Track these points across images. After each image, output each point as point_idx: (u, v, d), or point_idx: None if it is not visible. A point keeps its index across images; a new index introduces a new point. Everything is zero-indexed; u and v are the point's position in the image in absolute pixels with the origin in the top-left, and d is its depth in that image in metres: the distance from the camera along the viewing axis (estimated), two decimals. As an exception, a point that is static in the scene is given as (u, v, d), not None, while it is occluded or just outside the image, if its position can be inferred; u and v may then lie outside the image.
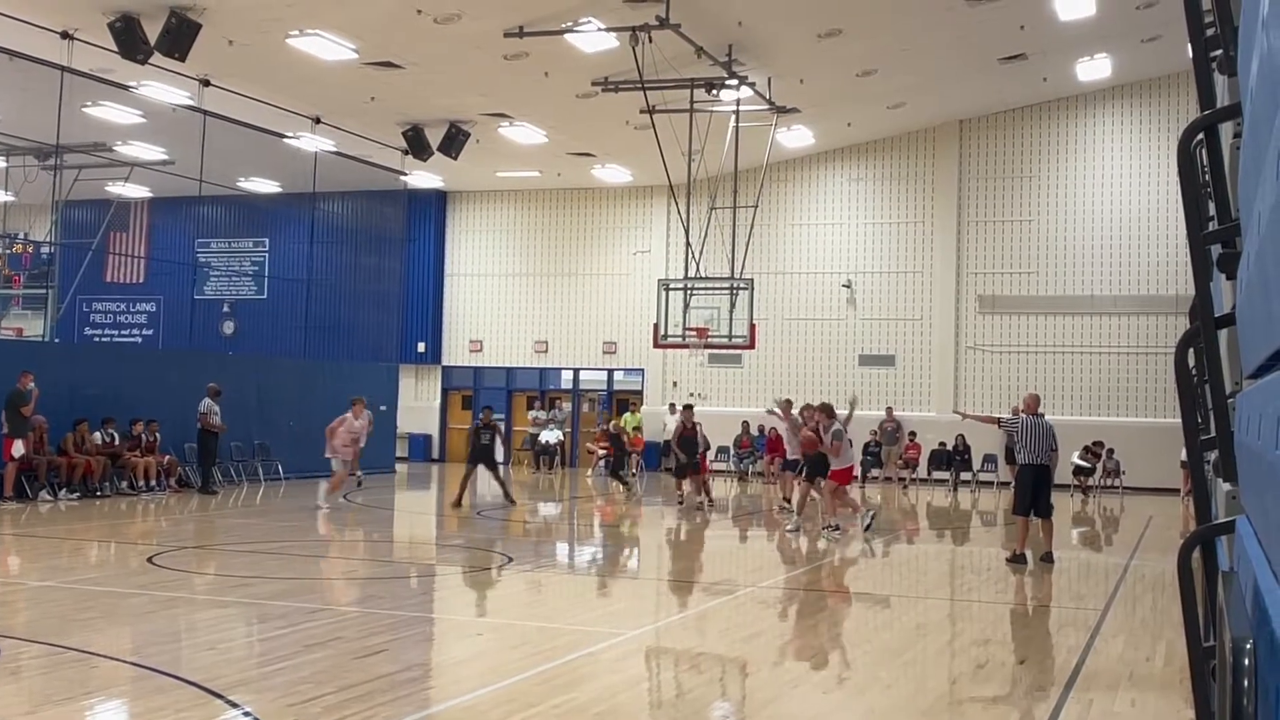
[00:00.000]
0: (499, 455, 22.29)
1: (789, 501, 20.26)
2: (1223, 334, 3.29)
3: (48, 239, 30.26)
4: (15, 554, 14.24)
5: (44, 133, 23.81)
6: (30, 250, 32.43)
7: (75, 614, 9.71)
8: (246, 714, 6.69)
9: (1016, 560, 13.93)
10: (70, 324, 33.52)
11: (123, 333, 35.28)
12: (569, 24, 19.57)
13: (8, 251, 32.59)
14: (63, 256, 31.40)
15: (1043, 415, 14.27)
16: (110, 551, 14.55)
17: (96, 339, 34.74)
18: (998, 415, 17.61)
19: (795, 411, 20.38)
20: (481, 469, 20.56)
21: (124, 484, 20.79)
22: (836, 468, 17.21)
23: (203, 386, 21.85)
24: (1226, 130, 3.40)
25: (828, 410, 17.36)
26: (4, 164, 28.95)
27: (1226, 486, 3.13)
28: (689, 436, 21.45)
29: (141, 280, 34.97)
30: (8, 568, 13.01)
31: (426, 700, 7.40)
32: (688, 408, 22.37)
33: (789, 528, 17.54)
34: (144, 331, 35.13)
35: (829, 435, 17.11)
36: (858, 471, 22.06)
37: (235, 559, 13.67)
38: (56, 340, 28.85)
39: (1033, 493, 13.85)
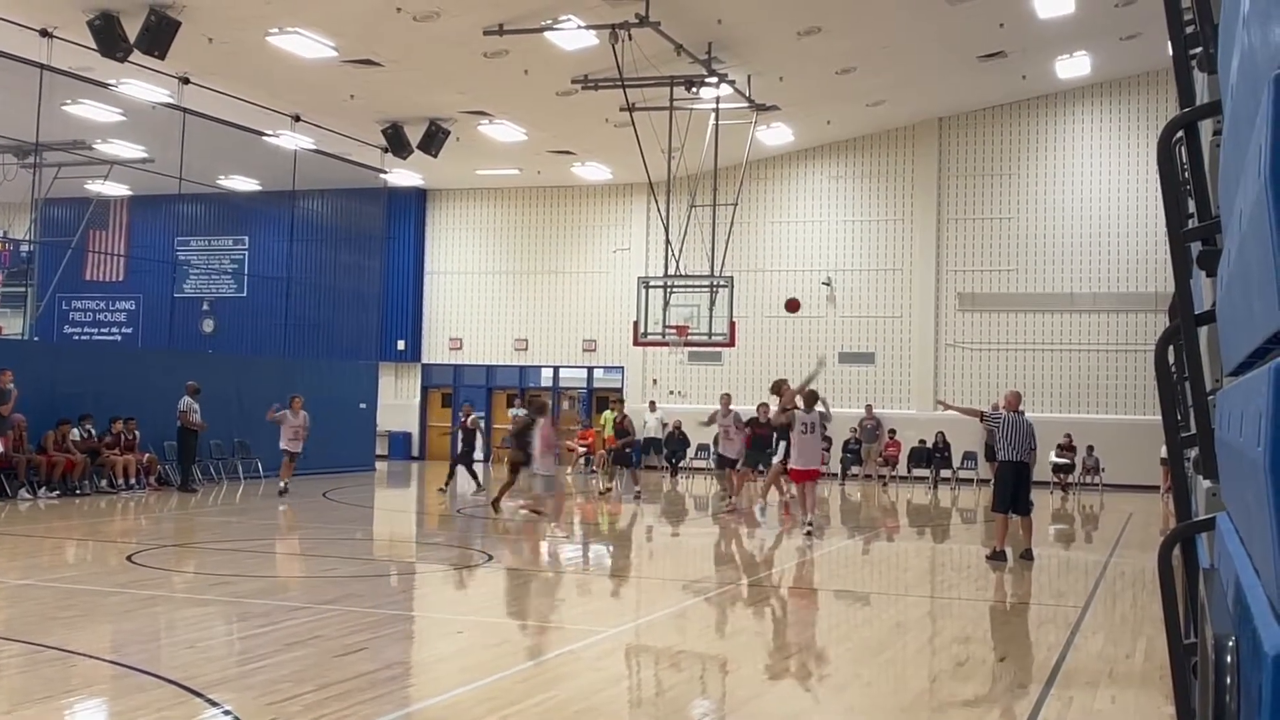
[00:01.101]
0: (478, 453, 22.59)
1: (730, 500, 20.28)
2: (1203, 331, 3.31)
3: (27, 237, 30.06)
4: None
5: (23, 130, 23.65)
6: (9, 248, 32.19)
7: (55, 612, 9.65)
8: (226, 712, 6.66)
9: (996, 558, 13.91)
10: (50, 322, 33.31)
11: (102, 331, 35.07)
12: (549, 22, 19.55)
13: (-15, 249, 32.34)
14: (42, 254, 31.19)
15: (1023, 413, 14.19)
16: (90, 550, 14.46)
17: (76, 337, 34.53)
18: (980, 409, 17.26)
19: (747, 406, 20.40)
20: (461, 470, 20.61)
21: (103, 482, 20.67)
22: (795, 466, 16.67)
23: (182, 385, 21.76)
24: (1206, 128, 3.41)
25: (811, 397, 16.73)
26: (-18, 161, 28.72)
27: (1207, 484, 3.14)
28: (762, 435, 20.48)
29: (121, 278, 34.76)
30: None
31: (406, 699, 7.39)
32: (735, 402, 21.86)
33: (805, 525, 16.68)
34: (124, 330, 34.93)
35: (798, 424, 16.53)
36: (826, 471, 21.39)
37: (215, 557, 13.61)
38: (36, 338, 28.67)
39: (1012, 490, 13.80)
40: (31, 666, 7.69)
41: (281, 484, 21.09)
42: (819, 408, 16.73)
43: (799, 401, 16.87)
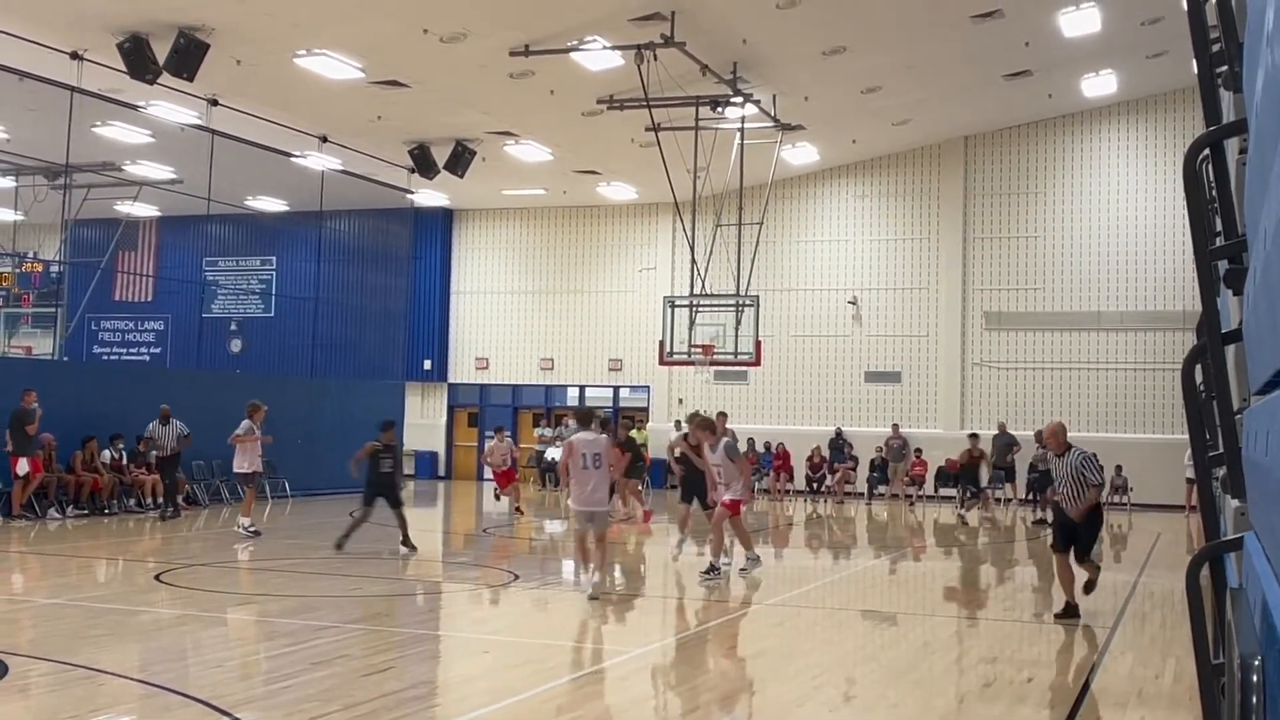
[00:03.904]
0: (402, 485, 17.42)
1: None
2: (1230, 350, 3.29)
3: (57, 258, 30.36)
4: (24, 571, 14.25)
5: (53, 152, 23.93)
6: (40, 269, 32.54)
7: (83, 631, 9.71)
8: (253, 732, 6.68)
9: (1068, 615, 11.33)
10: (79, 342, 33.59)
11: (131, 351, 35.34)
12: (574, 43, 19.64)
13: (17, 270, 32.69)
14: (71, 275, 31.52)
15: (1071, 448, 11.56)
16: (118, 569, 14.55)
17: (105, 357, 34.81)
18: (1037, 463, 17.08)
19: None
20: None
21: (131, 501, 20.81)
22: (728, 497, 14.01)
23: (210, 405, 21.76)
24: (1232, 146, 3.40)
25: (708, 426, 14.55)
26: (14, 183, 29.08)
27: (1235, 503, 3.12)
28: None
29: (150, 299, 35.06)
30: (16, 585, 13.01)
31: (432, 718, 7.39)
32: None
33: (740, 567, 14.51)
34: (152, 349, 35.19)
35: (718, 453, 14.08)
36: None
37: (242, 576, 13.66)
38: (65, 358, 28.91)
39: (1072, 528, 11.54)
40: (60, 685, 7.74)
41: (247, 522, 17.74)
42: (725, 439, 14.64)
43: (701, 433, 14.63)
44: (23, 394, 18.94)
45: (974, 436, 24.89)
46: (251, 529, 17.55)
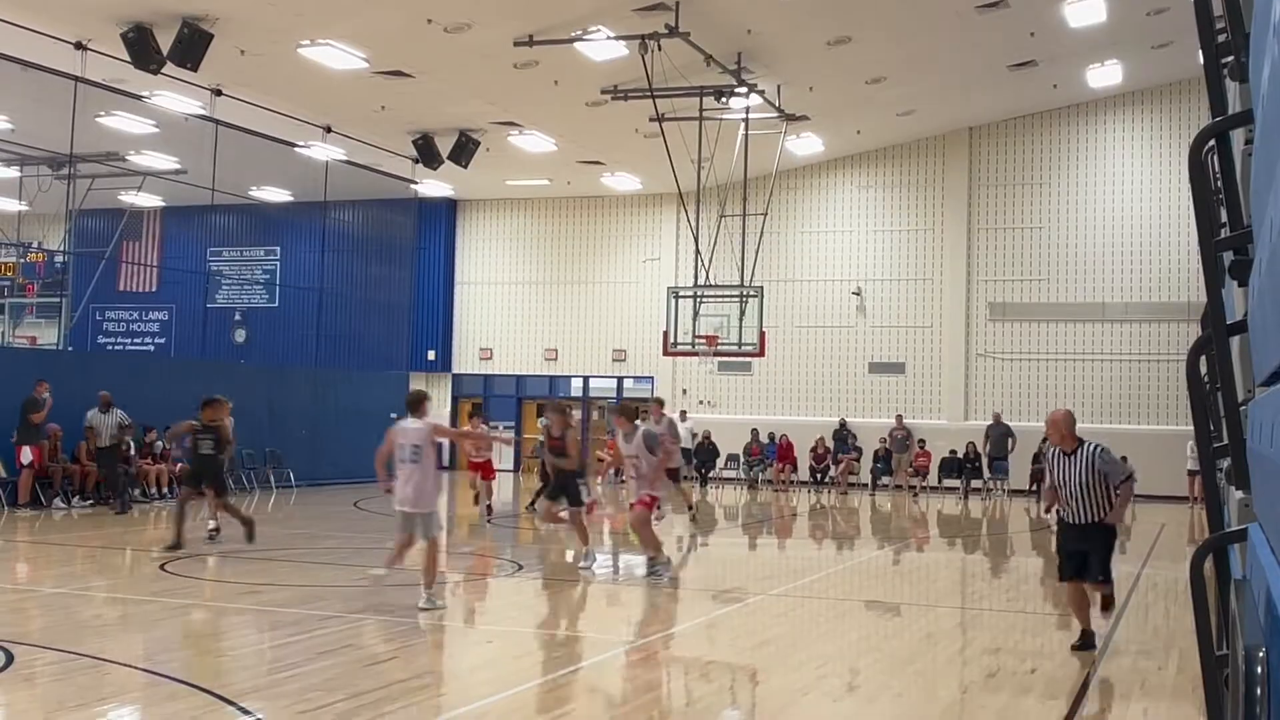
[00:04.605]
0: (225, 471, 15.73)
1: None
2: (1235, 341, 3.29)
3: (61, 248, 30.38)
4: (29, 561, 14.28)
5: (57, 142, 23.95)
6: (44, 259, 32.57)
7: (88, 621, 9.74)
8: (258, 721, 6.70)
9: (1084, 645, 9.41)
10: (83, 332, 33.63)
11: (135, 341, 35.38)
12: (578, 33, 19.61)
13: (22, 260, 32.73)
14: (76, 265, 31.55)
15: (1084, 442, 9.28)
16: (123, 559, 14.58)
17: (109, 347, 34.85)
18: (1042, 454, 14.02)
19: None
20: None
21: (136, 491, 20.85)
22: (645, 494, 12.74)
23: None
24: (1238, 137, 3.39)
25: (627, 413, 13.11)
26: (18, 173, 29.10)
27: (1239, 494, 3.12)
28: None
29: (154, 289, 35.09)
30: (22, 575, 13.04)
31: (437, 708, 7.40)
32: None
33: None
34: (157, 340, 35.22)
35: (634, 442, 12.67)
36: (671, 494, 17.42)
37: (246, 566, 13.68)
38: (70, 349, 28.95)
39: (1082, 553, 9.30)
40: (66, 675, 7.77)
41: (212, 524, 15.24)
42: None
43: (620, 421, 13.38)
44: (36, 384, 19.03)
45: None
46: (213, 528, 15.21)
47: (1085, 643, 9.44)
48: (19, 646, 8.43)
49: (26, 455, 18.84)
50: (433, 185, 30.22)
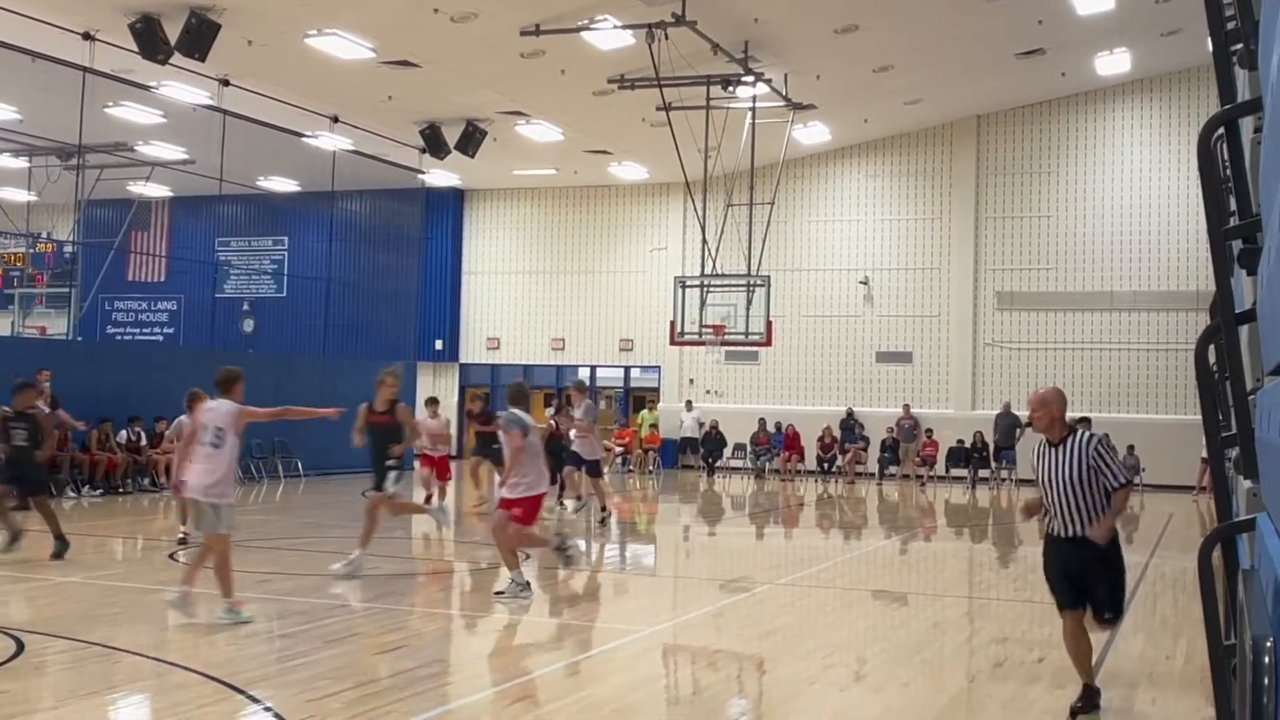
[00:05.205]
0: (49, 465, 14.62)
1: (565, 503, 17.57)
2: (1244, 330, 3.28)
3: (70, 238, 30.44)
4: (40, 550, 14.33)
5: (66, 133, 23.95)
6: (53, 249, 32.62)
7: (98, 610, 9.78)
8: (267, 709, 6.72)
9: (1088, 707, 7.18)
10: (93, 322, 33.68)
11: (144, 331, 35.45)
12: (585, 22, 19.58)
13: (31, 250, 32.78)
14: (85, 255, 31.59)
15: (1077, 430, 7.10)
16: (133, 548, 14.63)
17: (118, 337, 34.92)
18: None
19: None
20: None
21: (146, 481, 20.92)
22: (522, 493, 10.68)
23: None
24: (1247, 125, 3.38)
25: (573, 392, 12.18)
26: (27, 164, 29.14)
27: (1247, 484, 3.12)
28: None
29: (163, 279, 35.14)
30: (32, 563, 13.09)
31: (444, 696, 7.43)
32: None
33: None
34: (165, 330, 35.30)
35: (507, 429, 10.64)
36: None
37: (255, 555, 13.71)
38: (79, 339, 29.01)
39: (1077, 575, 7.04)
40: (76, 663, 7.80)
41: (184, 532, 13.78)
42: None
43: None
44: (36, 373, 19.07)
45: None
46: (184, 532, 13.67)
47: (1088, 703, 7.17)
48: (30, 635, 8.47)
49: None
50: (440, 175, 30.21)
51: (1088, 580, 7.00)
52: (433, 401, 19.50)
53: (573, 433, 17.05)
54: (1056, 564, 7.15)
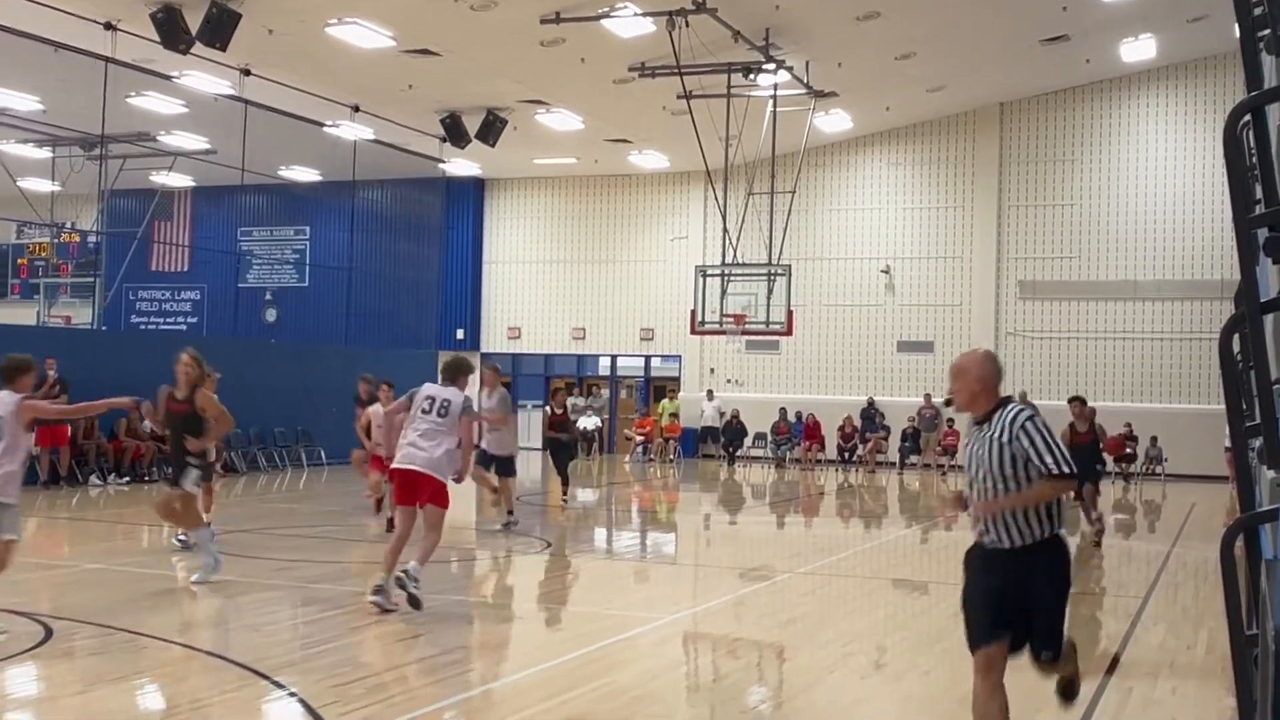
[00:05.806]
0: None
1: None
2: (1269, 319, 3.27)
3: (94, 228, 30.63)
4: (67, 537, 14.47)
5: (89, 123, 24.11)
6: (77, 239, 32.86)
7: (125, 596, 9.86)
8: (291, 694, 6.78)
9: None
10: (117, 312, 33.93)
11: (168, 320, 35.67)
12: (605, 9, 19.55)
13: (55, 241, 33.02)
14: (109, 245, 31.80)
15: (1005, 403, 5.54)
16: (159, 535, 14.73)
17: (142, 327, 35.14)
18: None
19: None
20: None
21: (170, 469, 21.04)
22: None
23: (246, 374, 21.43)
24: (1274, 112, 3.36)
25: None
26: (50, 154, 29.32)
27: (1271, 474, 3.11)
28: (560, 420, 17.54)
29: (186, 268, 35.37)
30: (60, 550, 13.21)
31: (467, 683, 7.47)
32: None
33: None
34: (189, 319, 35.50)
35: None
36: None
37: (280, 543, 13.81)
38: (104, 328, 29.21)
39: (996, 604, 5.38)
40: (104, 649, 7.88)
41: (181, 536, 12.54)
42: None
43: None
44: (44, 360, 19.25)
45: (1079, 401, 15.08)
46: (182, 537, 12.51)
47: None
48: (58, 621, 8.55)
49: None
50: (460, 164, 30.25)
51: (1023, 604, 5.25)
52: (385, 382, 16.28)
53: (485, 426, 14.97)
54: (979, 583, 5.37)
